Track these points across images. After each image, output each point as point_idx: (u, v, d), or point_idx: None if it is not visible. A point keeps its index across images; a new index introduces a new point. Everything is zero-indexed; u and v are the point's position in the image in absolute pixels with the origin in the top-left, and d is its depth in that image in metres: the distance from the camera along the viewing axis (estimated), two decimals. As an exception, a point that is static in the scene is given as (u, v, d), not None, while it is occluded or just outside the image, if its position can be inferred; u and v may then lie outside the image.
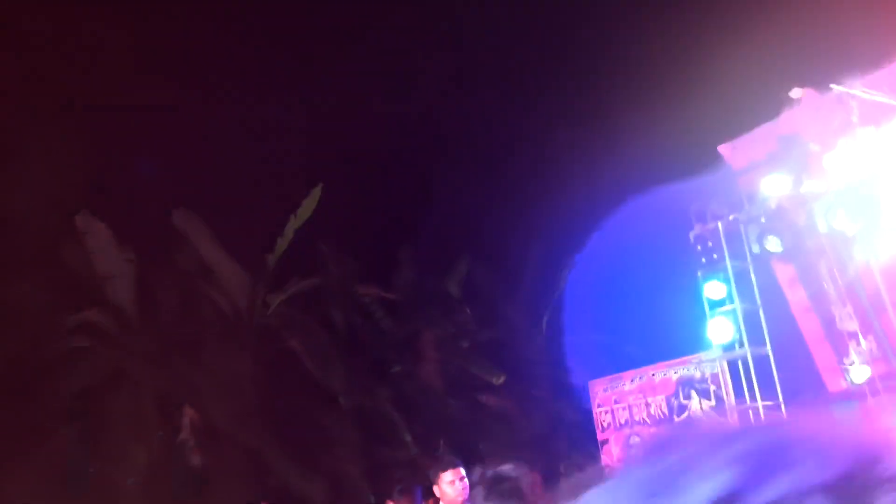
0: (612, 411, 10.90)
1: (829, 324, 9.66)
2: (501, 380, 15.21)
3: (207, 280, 14.02)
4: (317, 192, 14.63)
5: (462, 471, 5.66)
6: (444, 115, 17.96)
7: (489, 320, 17.34)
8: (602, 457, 11.05)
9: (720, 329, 9.28)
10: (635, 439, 10.51)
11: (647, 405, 10.47)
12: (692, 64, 9.83)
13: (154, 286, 13.69)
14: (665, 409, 10.27)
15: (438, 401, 15.16)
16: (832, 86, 7.72)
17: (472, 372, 15.88)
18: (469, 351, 16.13)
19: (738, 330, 9.24)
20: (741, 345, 9.26)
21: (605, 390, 11.04)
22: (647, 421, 10.46)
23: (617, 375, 10.95)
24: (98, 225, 12.49)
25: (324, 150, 15.99)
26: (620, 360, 15.20)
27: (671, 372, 10.24)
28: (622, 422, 10.77)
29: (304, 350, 13.63)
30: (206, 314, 13.98)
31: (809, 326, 9.83)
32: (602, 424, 11.03)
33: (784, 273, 9.82)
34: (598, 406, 11.09)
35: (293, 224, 14.58)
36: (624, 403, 10.77)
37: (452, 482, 5.56)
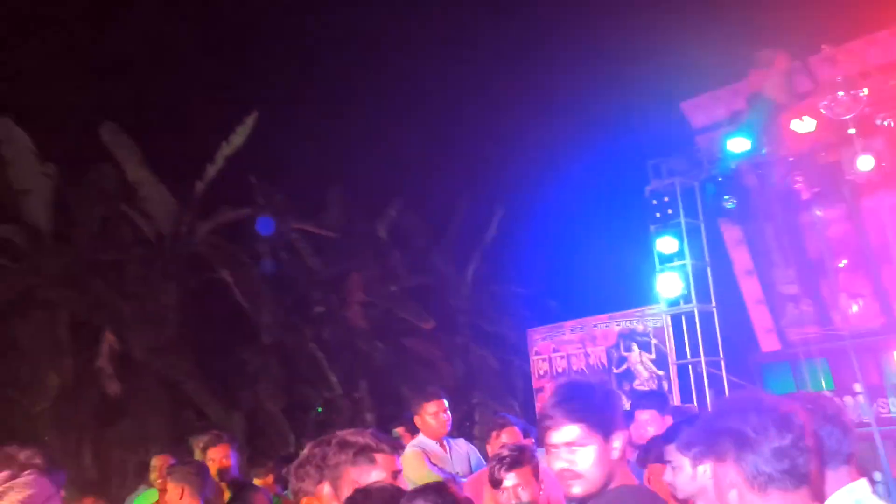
0: (550, 360, 10.95)
1: (769, 286, 9.94)
2: (431, 324, 15.12)
3: (131, 201, 13.29)
4: (251, 121, 14.00)
5: (445, 402, 5.50)
6: (385, 58, 17.51)
7: (417, 266, 17.21)
8: (537, 404, 11.13)
9: (669, 284, 9.37)
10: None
11: (587, 355, 10.56)
12: (661, 18, 9.77)
13: (73, 204, 12.89)
14: (604, 360, 10.38)
15: (365, 342, 14.96)
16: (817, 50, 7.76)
17: (399, 316, 15.76)
18: (397, 295, 15.95)
19: (687, 286, 9.35)
20: (688, 301, 9.40)
21: (543, 339, 11.07)
22: (586, 371, 10.56)
23: (557, 324, 11.00)
24: (18, 132, 11.58)
25: (260, 80, 15.33)
26: (549, 313, 15.42)
27: (613, 324, 10.33)
28: (560, 370, 10.84)
29: (234, 282, 13.15)
30: (127, 237, 13.29)
31: (750, 287, 10.08)
32: (539, 372, 11.09)
33: (731, 234, 10.01)
34: (536, 354, 11.13)
35: (225, 151, 13.94)
36: (563, 352, 10.83)
37: (436, 413, 5.39)
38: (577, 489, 2.33)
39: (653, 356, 9.94)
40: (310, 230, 15.52)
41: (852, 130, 7.79)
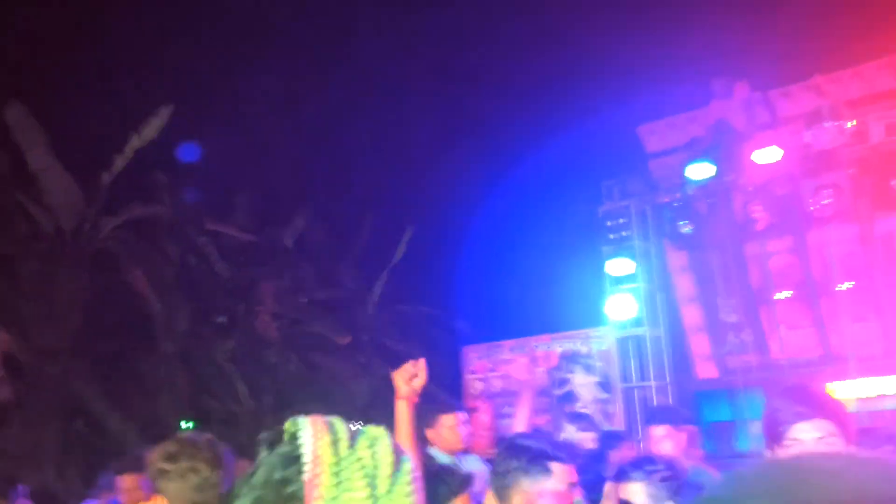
0: (486, 379, 10.67)
1: (711, 314, 10.06)
2: (347, 339, 14.57)
3: (28, 190, 12.11)
4: (164, 114, 13.12)
5: (465, 415, 5.12)
6: (303, 67, 16.97)
7: (324, 280, 16.63)
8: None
9: (620, 306, 9.32)
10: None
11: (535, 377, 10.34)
12: (621, 42, 9.82)
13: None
14: (546, 382, 10.19)
15: (274, 354, 14.22)
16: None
17: (308, 329, 15.12)
18: (309, 307, 15.31)
19: (641, 309, 9.33)
20: (639, 324, 9.37)
21: (480, 357, 10.79)
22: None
23: (496, 343, 10.73)
24: None
25: (177, 74, 14.44)
26: (463, 334, 15.19)
27: (555, 345, 10.17)
28: (496, 391, 10.57)
29: (141, 284, 12.17)
30: (23, 229, 12.08)
31: (691, 314, 10.18)
32: (473, 392, 10.77)
33: (676, 260, 10.09)
34: (471, 373, 10.82)
35: (135, 143, 12.98)
36: (500, 372, 10.57)
37: (453, 427, 4.99)
38: None
39: (597, 378, 9.84)
40: (219, 234, 14.66)
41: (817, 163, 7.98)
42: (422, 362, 3.13)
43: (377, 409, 15.67)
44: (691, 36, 8.87)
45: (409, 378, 3.08)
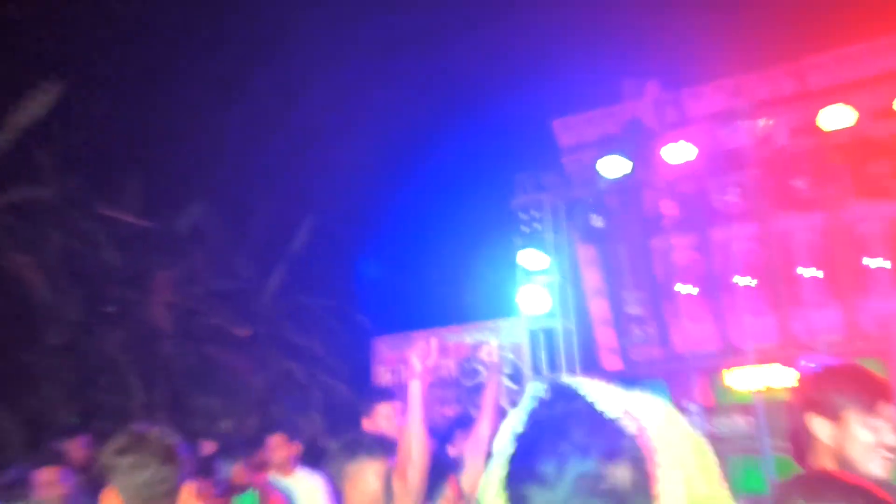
0: (396, 371, 10.58)
1: (617, 307, 10.30)
2: (248, 332, 14.13)
3: None
4: (54, 91, 12.38)
5: (401, 405, 5.04)
6: (195, 42, 16.29)
7: (220, 269, 16.08)
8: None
9: (533, 298, 9.40)
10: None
11: (438, 367, 10.28)
12: (538, 36, 9.91)
13: None
14: (456, 373, 10.20)
15: (169, 346, 13.63)
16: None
17: (206, 321, 14.59)
18: (205, 297, 14.75)
19: (552, 301, 9.45)
20: (552, 316, 9.49)
21: (390, 348, 10.69)
22: (434, 383, 10.29)
23: (405, 334, 10.64)
24: None
25: (70, 49, 13.60)
26: (361, 325, 15.04)
27: (466, 336, 10.19)
28: (405, 382, 10.48)
29: (26, 271, 11.42)
30: None
31: (598, 307, 10.40)
32: (383, 384, 10.66)
33: (585, 254, 10.28)
34: (381, 364, 10.71)
35: (19, 119, 12.20)
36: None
37: (390, 417, 4.90)
38: None
39: (507, 370, 9.89)
40: (110, 219, 13.93)
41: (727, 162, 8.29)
42: (434, 341, 3.09)
43: (275, 402, 15.34)
44: (607, 32, 9.06)
45: (425, 356, 3.01)
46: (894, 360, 8.73)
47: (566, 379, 1.02)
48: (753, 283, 9.51)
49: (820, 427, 2.26)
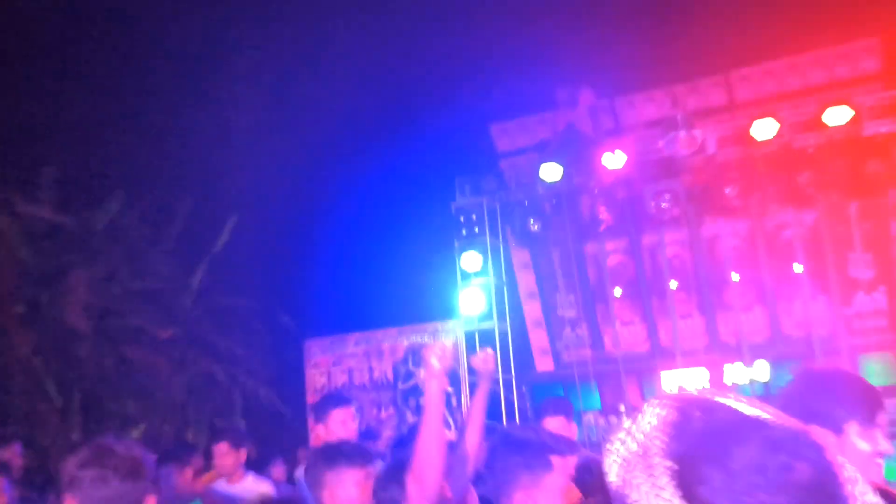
0: (330, 373, 10.48)
1: (550, 309, 10.48)
2: (168, 333, 13.73)
3: None
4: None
5: (354, 410, 5.00)
6: (113, 34, 15.74)
7: (138, 268, 15.58)
8: (310, 420, 10.56)
9: (470, 300, 9.48)
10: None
11: (371, 369, 10.27)
12: (478, 40, 9.99)
13: None
14: (391, 376, 10.18)
15: (84, 348, 13.13)
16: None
17: (124, 321, 14.11)
18: (123, 297, 14.27)
19: (489, 303, 9.54)
20: (488, 318, 9.59)
21: (323, 351, 10.58)
22: (368, 386, 10.27)
23: (340, 336, 10.56)
24: None
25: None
26: (284, 327, 14.85)
27: (402, 338, 10.17)
28: (339, 385, 10.41)
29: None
30: None
31: (531, 309, 10.55)
32: (316, 386, 10.55)
33: (519, 257, 10.42)
34: (314, 367, 10.59)
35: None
36: (344, 366, 10.42)
37: (346, 421, 4.86)
38: None
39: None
40: (22, 215, 13.34)
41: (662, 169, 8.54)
42: (449, 340, 3.06)
43: (194, 406, 14.97)
44: (543, 40, 9.18)
45: (442, 356, 2.97)
46: (812, 361, 9.17)
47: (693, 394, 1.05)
48: (681, 287, 9.82)
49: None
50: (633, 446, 0.95)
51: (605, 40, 9.50)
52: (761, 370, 8.96)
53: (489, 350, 3.31)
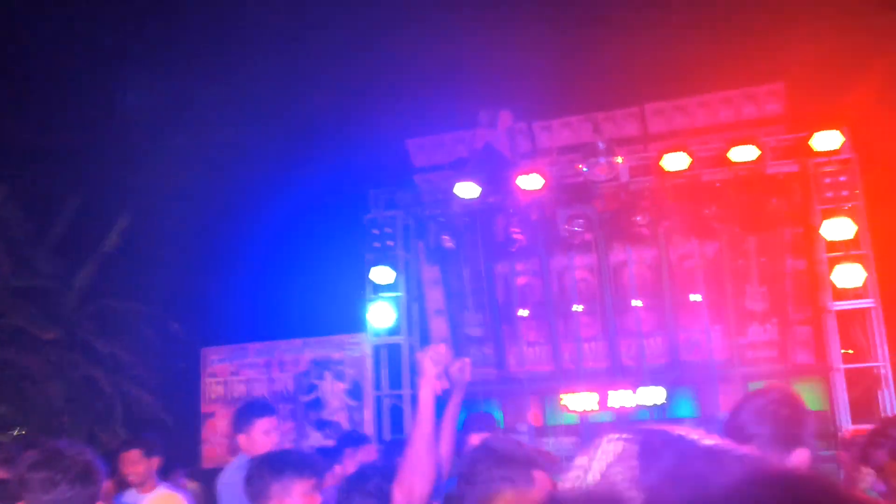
0: (227, 383, 10.14)
1: (457, 327, 10.48)
2: (52, 335, 12.98)
3: None
4: None
5: (276, 420, 4.82)
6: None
7: (20, 266, 14.69)
8: (204, 432, 10.18)
9: (380, 314, 9.39)
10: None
11: (272, 380, 10.00)
12: (397, 54, 9.96)
13: None
14: (292, 388, 9.94)
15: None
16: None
17: (3, 322, 13.25)
18: (3, 296, 13.41)
19: (399, 318, 9.47)
20: (397, 332, 9.52)
21: (221, 360, 10.23)
22: (268, 397, 9.98)
23: (240, 345, 10.25)
24: None
25: None
26: (175, 334, 14.29)
27: (307, 350, 9.97)
28: (237, 395, 10.08)
29: None
30: None
31: (437, 326, 10.53)
32: (211, 396, 10.18)
33: (429, 274, 10.39)
34: (210, 376, 10.22)
35: None
36: (243, 376, 10.11)
37: (269, 432, 4.68)
38: None
39: (347, 385, 9.79)
40: None
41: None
42: (445, 347, 2.94)
43: (74, 412, 14.19)
44: (468, 59, 9.26)
45: (437, 360, 2.85)
46: (707, 386, 9.53)
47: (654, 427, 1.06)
48: (586, 310, 10.02)
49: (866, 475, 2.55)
50: (594, 480, 0.94)
51: (525, 65, 9.66)
52: (659, 394, 9.21)
53: (466, 359, 3.23)
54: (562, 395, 9.41)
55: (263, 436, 4.67)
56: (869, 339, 8.39)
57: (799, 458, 2.38)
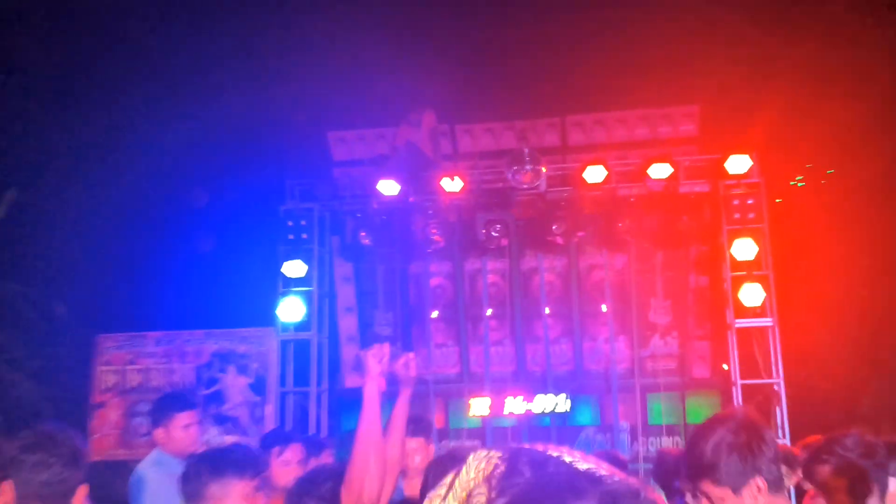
0: (122, 372, 9.70)
1: (366, 325, 10.39)
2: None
3: None
4: None
5: (197, 414, 4.62)
6: None
7: None
8: (92, 422, 9.70)
9: (290, 308, 9.19)
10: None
11: (172, 372, 9.63)
12: (323, 47, 9.80)
13: None
14: (193, 379, 9.60)
15: None
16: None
17: None
18: None
19: (310, 313, 9.30)
20: (307, 328, 9.35)
21: (118, 348, 9.77)
22: (166, 388, 9.60)
23: (140, 334, 9.82)
24: None
25: None
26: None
27: (210, 341, 9.64)
28: (132, 386, 9.66)
29: None
30: None
31: (347, 324, 10.40)
32: (103, 385, 9.71)
33: (342, 270, 10.26)
34: (105, 364, 9.75)
35: None
36: (140, 366, 9.69)
37: (188, 426, 4.49)
38: None
39: (251, 380, 9.53)
40: None
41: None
42: (387, 346, 2.87)
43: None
44: (395, 56, 9.17)
45: (380, 358, 2.79)
46: (607, 395, 9.78)
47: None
48: (496, 315, 10.12)
49: None
50: (458, 501, 0.91)
51: (450, 68, 9.68)
52: (562, 401, 9.36)
53: (411, 355, 3.20)
54: (470, 400, 9.43)
55: (183, 430, 4.49)
56: (763, 357, 8.82)
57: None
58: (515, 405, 9.33)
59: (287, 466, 4.50)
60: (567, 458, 0.88)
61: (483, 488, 0.86)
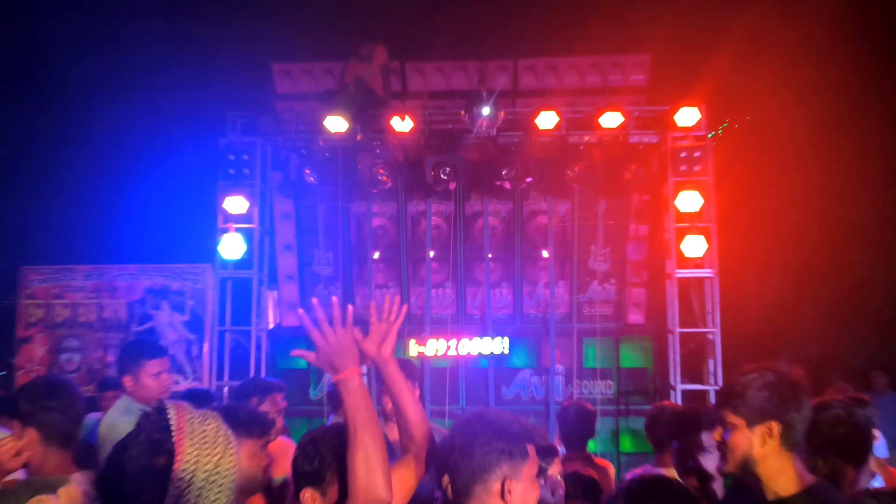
0: (49, 306, 9.27)
1: (305, 264, 10.19)
2: None
3: None
4: None
5: (167, 361, 4.44)
6: None
7: None
8: (18, 358, 9.28)
9: (230, 245, 8.90)
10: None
11: (101, 307, 9.26)
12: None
13: None
14: (124, 316, 9.26)
15: None
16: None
17: None
18: None
19: (250, 251, 9.04)
20: (245, 266, 9.10)
21: (43, 280, 9.32)
22: (96, 325, 9.25)
23: (68, 267, 9.37)
24: None
25: None
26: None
27: (144, 277, 9.30)
28: (60, 321, 9.25)
29: None
30: None
31: (285, 262, 10.18)
32: (29, 319, 9.27)
33: (282, 207, 9.99)
34: (29, 297, 9.29)
35: None
36: (68, 300, 9.28)
37: (158, 374, 4.31)
38: None
39: (186, 317, 9.27)
40: None
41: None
42: (396, 298, 2.74)
43: None
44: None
45: (387, 314, 2.67)
46: (545, 339, 9.93)
47: None
48: (437, 257, 10.07)
49: None
50: None
51: (404, 1, 9.39)
52: (501, 344, 9.44)
53: (396, 298, 2.96)
54: (409, 340, 9.41)
55: (152, 379, 4.31)
56: (700, 306, 9.09)
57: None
58: (455, 347, 9.36)
59: None
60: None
61: None
